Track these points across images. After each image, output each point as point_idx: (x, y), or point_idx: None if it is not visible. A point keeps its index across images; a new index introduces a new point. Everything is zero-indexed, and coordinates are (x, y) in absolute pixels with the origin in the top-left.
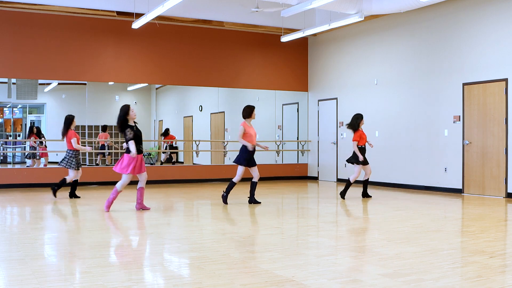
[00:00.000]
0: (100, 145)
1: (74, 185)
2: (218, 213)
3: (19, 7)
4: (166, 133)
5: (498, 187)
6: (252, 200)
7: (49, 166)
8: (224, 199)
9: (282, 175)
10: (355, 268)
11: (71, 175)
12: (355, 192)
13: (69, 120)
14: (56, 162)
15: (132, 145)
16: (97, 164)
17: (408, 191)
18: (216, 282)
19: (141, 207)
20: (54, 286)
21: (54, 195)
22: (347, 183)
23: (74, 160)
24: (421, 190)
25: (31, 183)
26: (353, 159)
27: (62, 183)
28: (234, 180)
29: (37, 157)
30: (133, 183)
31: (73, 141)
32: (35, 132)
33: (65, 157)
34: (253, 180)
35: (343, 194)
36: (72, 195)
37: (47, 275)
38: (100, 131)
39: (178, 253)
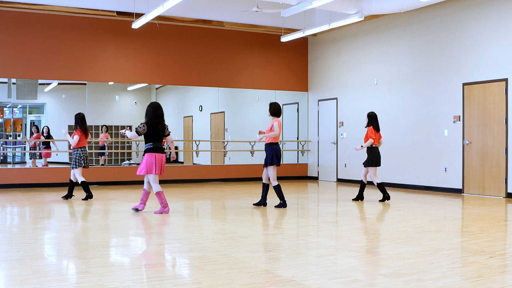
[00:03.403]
0: (100, 145)
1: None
2: (218, 213)
3: (19, 7)
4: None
5: (498, 187)
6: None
7: (50, 166)
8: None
9: (282, 175)
10: (355, 268)
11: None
12: (355, 193)
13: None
14: (57, 162)
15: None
16: (102, 165)
17: (408, 191)
18: (216, 282)
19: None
20: (54, 286)
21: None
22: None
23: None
24: (421, 190)
25: (31, 183)
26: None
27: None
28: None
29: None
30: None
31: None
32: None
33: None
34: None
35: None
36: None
37: (47, 275)
38: (101, 132)
39: (178, 253)
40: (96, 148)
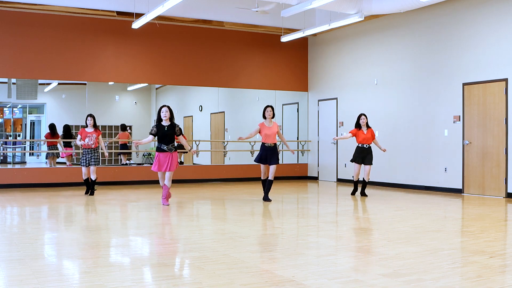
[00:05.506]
0: (120, 144)
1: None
2: (218, 213)
3: (19, 7)
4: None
5: (498, 187)
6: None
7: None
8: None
9: (282, 175)
10: (355, 268)
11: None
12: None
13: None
14: (59, 162)
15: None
16: (123, 164)
17: (408, 191)
18: (216, 282)
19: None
20: (54, 286)
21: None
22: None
23: None
24: (421, 190)
25: (31, 183)
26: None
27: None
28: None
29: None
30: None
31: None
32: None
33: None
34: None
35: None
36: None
37: (47, 275)
38: (119, 131)
39: (178, 253)
40: (116, 148)
